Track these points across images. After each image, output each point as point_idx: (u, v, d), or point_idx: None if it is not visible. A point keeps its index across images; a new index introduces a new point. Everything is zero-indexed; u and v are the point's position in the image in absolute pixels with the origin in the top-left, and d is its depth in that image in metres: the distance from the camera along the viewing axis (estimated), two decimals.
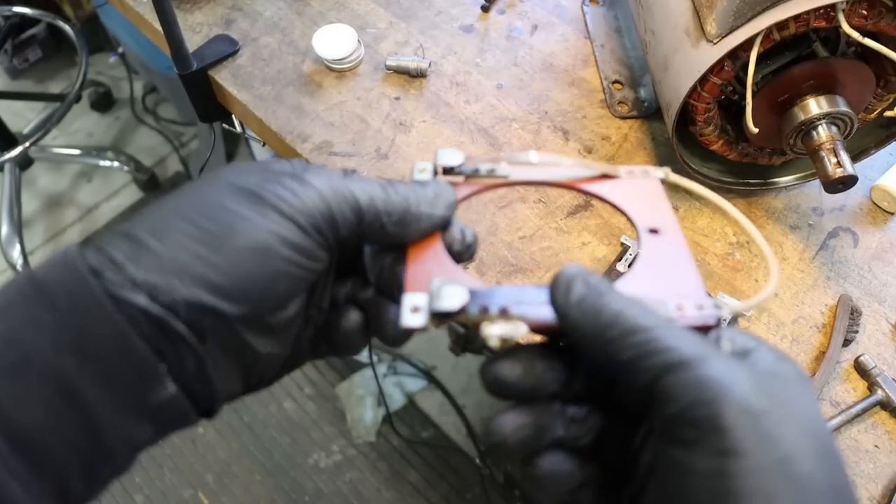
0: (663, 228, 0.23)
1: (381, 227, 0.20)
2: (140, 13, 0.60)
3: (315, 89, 0.55)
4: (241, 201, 0.18)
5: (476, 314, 0.18)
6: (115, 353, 0.16)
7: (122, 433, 0.17)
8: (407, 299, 0.19)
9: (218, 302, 0.17)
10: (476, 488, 0.97)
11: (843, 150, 0.40)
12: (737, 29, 0.38)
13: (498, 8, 0.60)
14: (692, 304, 0.19)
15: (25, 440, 0.15)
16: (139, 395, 0.17)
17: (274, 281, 0.18)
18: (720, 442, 0.14)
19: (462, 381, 1.05)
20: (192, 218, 0.18)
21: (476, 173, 0.24)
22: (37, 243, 1.27)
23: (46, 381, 0.16)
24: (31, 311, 0.16)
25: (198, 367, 0.18)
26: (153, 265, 0.17)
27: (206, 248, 0.18)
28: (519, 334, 0.18)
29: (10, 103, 1.34)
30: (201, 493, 0.98)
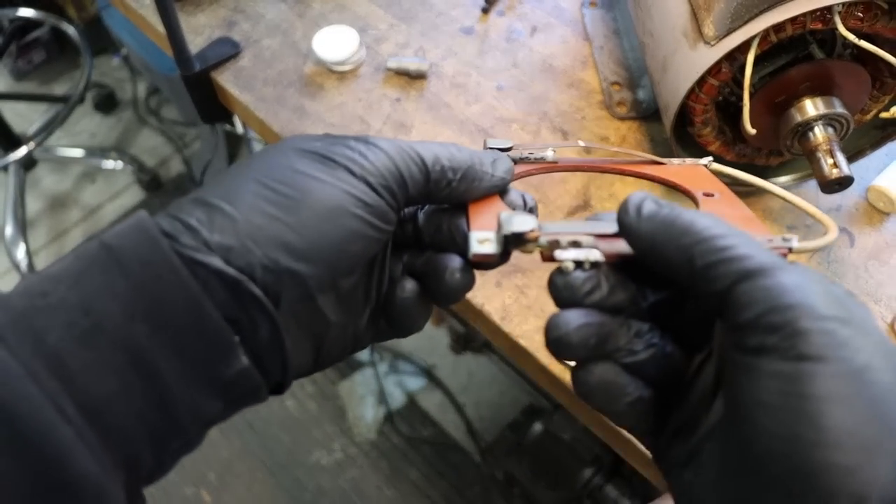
0: (718, 193, 0.23)
1: (447, 184, 0.20)
2: (143, 15, 0.61)
3: (316, 90, 0.55)
4: (312, 164, 0.18)
5: (547, 242, 0.18)
6: (188, 323, 0.16)
7: (192, 406, 0.17)
8: (474, 235, 0.19)
9: (294, 263, 0.17)
10: (476, 486, 0.98)
11: (839, 151, 0.40)
12: (734, 31, 0.38)
13: (498, 10, 0.61)
14: (762, 238, 0.19)
15: (98, 410, 0.15)
16: (211, 367, 0.17)
17: (348, 242, 0.18)
18: (799, 346, 0.14)
19: (462, 379, 1.05)
20: (264, 181, 0.18)
21: (524, 159, 0.25)
22: (41, 243, 1.27)
23: (119, 350, 0.16)
24: (105, 278, 0.16)
25: (272, 335, 0.17)
26: (227, 228, 0.17)
27: (280, 209, 0.17)
28: (592, 259, 0.18)
29: (15, 105, 1.35)
30: (204, 491, 0.99)
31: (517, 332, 0.43)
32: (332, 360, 0.22)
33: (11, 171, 1.22)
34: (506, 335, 0.44)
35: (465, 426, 1.00)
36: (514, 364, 0.47)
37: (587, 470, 0.80)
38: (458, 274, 0.21)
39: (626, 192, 0.51)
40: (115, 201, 1.34)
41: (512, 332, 0.43)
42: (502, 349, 0.46)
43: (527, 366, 0.45)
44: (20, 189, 1.23)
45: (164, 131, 1.40)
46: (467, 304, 0.45)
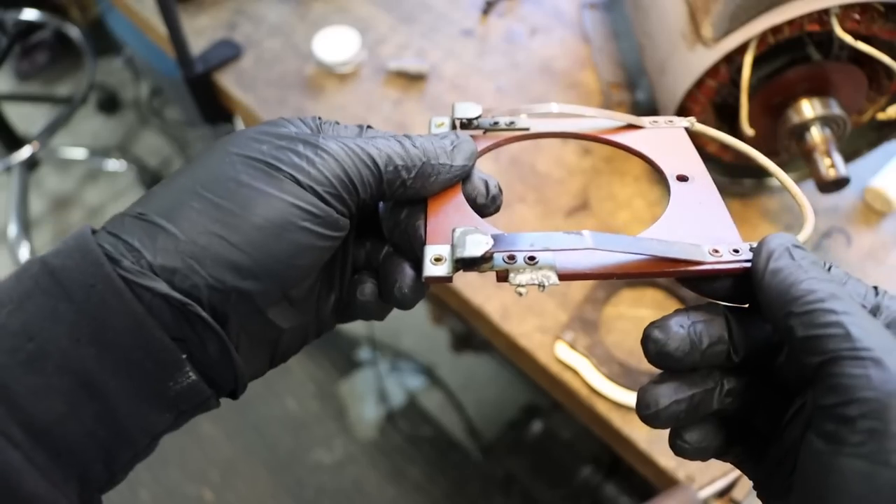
0: (693, 176, 0.22)
1: (401, 184, 0.19)
2: (145, 17, 0.61)
3: (317, 92, 0.55)
4: (256, 174, 0.18)
5: (502, 263, 0.18)
6: (134, 344, 0.16)
7: (143, 421, 0.17)
8: (429, 251, 0.18)
9: (241, 282, 0.17)
10: (476, 484, 0.98)
11: (836, 152, 0.41)
12: (732, 33, 0.38)
13: (497, 12, 0.61)
14: (727, 248, 0.18)
15: (45, 432, 0.15)
16: (159, 384, 0.17)
17: (296, 256, 0.18)
18: (873, 447, 0.13)
19: (462, 378, 1.05)
20: (206, 196, 0.17)
21: (495, 126, 0.23)
22: (44, 243, 1.28)
23: (65, 374, 0.16)
24: (49, 302, 0.16)
25: (221, 352, 0.17)
26: (171, 249, 0.17)
27: (224, 227, 0.17)
28: (548, 284, 0.17)
29: (19, 106, 1.35)
30: (206, 490, 0.99)
31: (517, 331, 0.44)
32: (289, 356, 0.21)
33: (15, 171, 1.23)
34: (505, 335, 0.44)
35: (466, 425, 1.01)
36: (514, 363, 0.48)
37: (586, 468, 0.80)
38: (407, 290, 0.20)
39: (625, 193, 0.51)
40: (118, 201, 1.34)
41: (512, 331, 0.44)
42: (502, 348, 0.47)
43: (526, 365, 0.45)
44: (24, 189, 1.24)
45: (167, 132, 1.41)
46: (467, 304, 0.46)
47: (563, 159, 0.51)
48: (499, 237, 0.18)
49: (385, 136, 0.20)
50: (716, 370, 0.18)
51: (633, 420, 0.41)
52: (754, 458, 0.18)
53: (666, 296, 0.46)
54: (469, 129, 0.23)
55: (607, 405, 0.41)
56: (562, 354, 0.43)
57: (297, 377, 1.09)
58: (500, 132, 0.24)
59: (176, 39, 0.51)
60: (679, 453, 0.18)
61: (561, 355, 0.43)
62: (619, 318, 0.45)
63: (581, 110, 0.23)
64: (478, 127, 0.23)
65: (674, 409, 0.17)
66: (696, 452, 0.18)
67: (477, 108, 0.23)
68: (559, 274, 0.18)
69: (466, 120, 0.23)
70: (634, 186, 0.50)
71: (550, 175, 0.51)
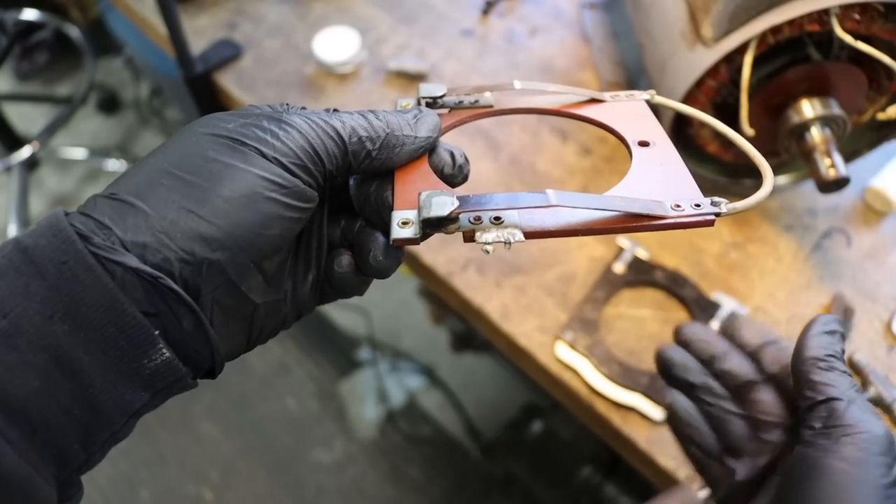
0: (654, 141, 0.22)
1: (366, 155, 0.20)
2: (145, 17, 0.61)
3: (317, 92, 0.55)
4: (222, 150, 0.18)
5: (468, 223, 0.18)
6: (107, 320, 0.16)
7: (118, 399, 0.17)
8: (396, 216, 0.19)
9: (211, 253, 0.17)
10: (476, 484, 0.98)
11: (836, 152, 0.41)
12: (732, 33, 0.38)
13: (497, 12, 0.61)
14: (689, 202, 0.19)
15: (20, 410, 0.15)
16: (133, 361, 0.17)
17: (265, 226, 0.18)
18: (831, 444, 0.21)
19: (462, 378, 1.05)
20: (175, 173, 0.18)
21: (460, 105, 0.24)
22: None
23: (39, 350, 0.16)
24: (21, 280, 0.16)
25: (195, 326, 0.17)
26: (141, 225, 0.17)
27: (193, 201, 0.17)
28: (514, 241, 0.18)
29: (19, 106, 1.35)
30: (205, 490, 0.99)
31: (517, 331, 0.44)
32: (268, 336, 0.21)
33: (15, 171, 1.23)
34: (505, 335, 0.44)
35: (465, 425, 1.01)
36: (514, 363, 0.48)
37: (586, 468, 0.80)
38: (381, 256, 0.21)
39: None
40: None
41: (511, 331, 0.44)
42: (502, 348, 0.47)
43: (526, 365, 0.45)
44: (24, 189, 1.24)
45: (167, 132, 1.41)
46: (467, 304, 0.46)
47: (562, 159, 0.51)
48: (464, 199, 0.19)
49: (350, 112, 0.21)
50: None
51: (632, 420, 0.41)
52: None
53: (666, 296, 0.46)
54: (434, 107, 0.24)
55: (607, 405, 0.41)
56: (562, 354, 0.43)
57: (297, 377, 1.09)
58: (464, 110, 0.24)
59: (176, 39, 0.51)
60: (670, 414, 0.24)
61: (561, 355, 0.43)
62: (619, 318, 0.45)
63: (543, 86, 0.24)
64: (443, 105, 0.24)
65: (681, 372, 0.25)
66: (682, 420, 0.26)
67: (441, 88, 0.24)
68: (525, 232, 0.18)
69: (431, 99, 0.24)
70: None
71: (550, 175, 0.51)
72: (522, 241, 0.18)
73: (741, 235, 0.48)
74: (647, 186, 0.20)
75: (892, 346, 0.43)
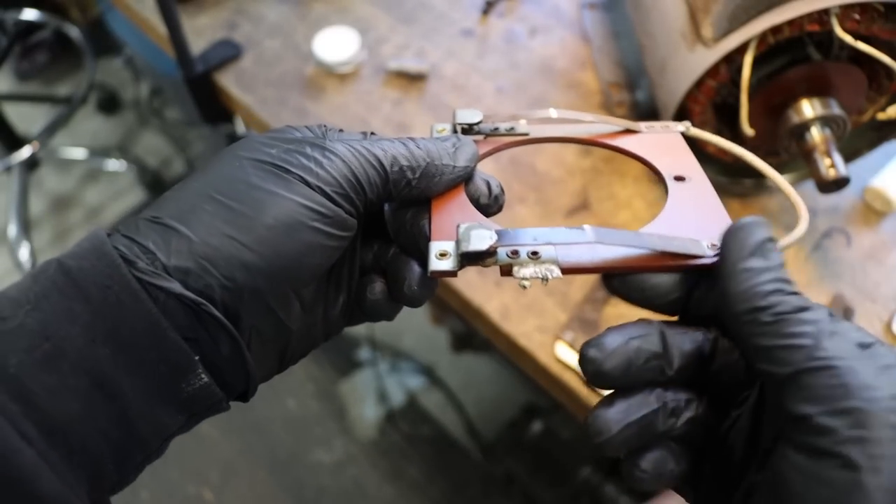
0: (689, 176, 0.22)
1: (406, 184, 0.20)
2: (145, 17, 0.61)
3: (317, 92, 0.55)
4: (266, 176, 0.18)
5: (505, 258, 0.18)
6: (148, 345, 0.16)
7: (155, 423, 0.17)
8: (434, 246, 0.19)
9: (252, 281, 0.17)
10: (476, 484, 0.98)
11: (836, 152, 0.41)
12: (732, 33, 0.38)
13: (497, 12, 0.61)
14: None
15: (60, 432, 0.16)
16: (172, 385, 0.17)
17: (306, 255, 0.18)
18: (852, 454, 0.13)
19: (462, 378, 1.05)
20: (218, 198, 0.18)
21: (496, 132, 0.24)
22: (44, 243, 1.28)
23: (81, 373, 0.16)
24: (65, 303, 0.16)
25: (233, 351, 0.18)
26: (184, 250, 0.17)
27: (236, 228, 0.17)
28: (551, 277, 0.18)
29: (18, 106, 1.35)
30: (206, 490, 0.99)
31: (517, 331, 0.44)
32: (298, 358, 0.22)
33: (15, 171, 1.23)
34: (505, 335, 0.44)
35: (465, 425, 1.01)
36: (514, 363, 0.48)
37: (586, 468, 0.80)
38: (416, 286, 0.20)
39: (625, 193, 0.51)
40: (118, 202, 1.34)
41: (511, 331, 0.44)
42: (502, 348, 0.47)
43: (526, 365, 0.45)
44: (24, 189, 1.24)
45: (167, 132, 1.41)
46: (467, 303, 0.46)
47: (562, 159, 0.51)
48: (502, 232, 0.19)
49: (390, 139, 0.21)
50: (657, 388, 0.18)
51: None
52: (693, 479, 0.18)
53: None
54: (470, 134, 0.24)
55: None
56: (562, 354, 0.43)
57: (297, 377, 1.09)
58: (500, 137, 0.24)
59: (176, 39, 0.51)
60: (636, 484, 0.18)
61: (561, 355, 0.43)
62: (619, 318, 0.45)
63: (579, 116, 0.24)
64: (478, 132, 0.24)
65: (626, 435, 0.17)
66: (654, 481, 0.18)
67: (478, 114, 0.24)
68: (562, 268, 0.18)
69: (467, 125, 0.24)
70: (634, 186, 0.50)
71: (550, 175, 0.51)
72: (560, 278, 0.18)
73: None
74: (683, 223, 0.20)
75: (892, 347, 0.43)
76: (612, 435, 0.17)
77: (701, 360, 0.18)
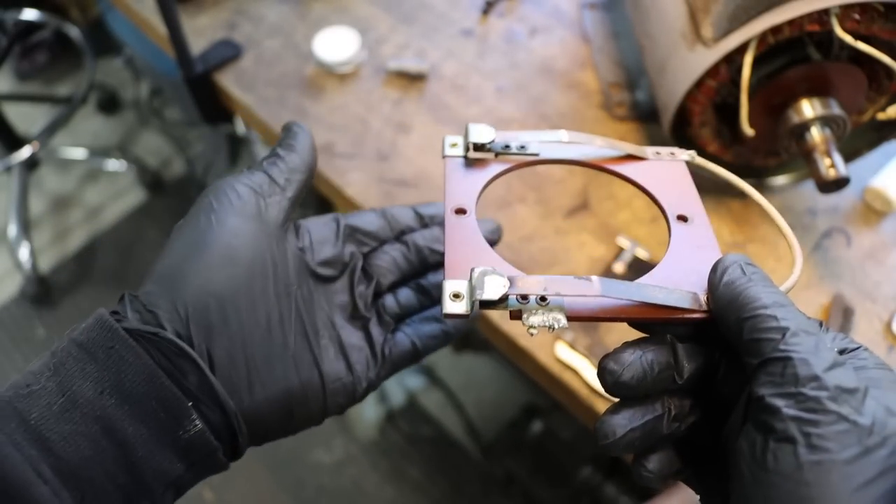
0: (692, 217, 0.23)
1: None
2: (145, 17, 0.61)
3: (317, 92, 0.55)
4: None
5: (516, 304, 0.19)
6: (147, 393, 0.19)
7: (157, 468, 0.19)
8: (448, 286, 0.19)
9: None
10: (476, 484, 0.98)
11: (836, 152, 0.41)
12: (732, 33, 0.38)
13: (497, 11, 0.61)
14: None
15: (73, 473, 0.18)
16: (170, 432, 0.19)
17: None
18: (795, 431, 0.15)
19: (462, 378, 1.05)
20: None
21: (507, 150, 0.25)
22: (44, 243, 1.28)
23: (91, 421, 0.18)
24: (77, 365, 0.19)
25: (200, 380, 0.20)
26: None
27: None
28: (558, 325, 0.19)
29: (18, 106, 1.35)
30: (206, 490, 0.99)
31: (517, 331, 0.44)
32: (326, 415, 0.24)
33: (15, 171, 1.23)
34: (505, 335, 0.44)
35: (465, 425, 1.01)
36: (514, 363, 0.48)
37: (586, 468, 0.80)
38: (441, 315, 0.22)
39: (625, 193, 0.51)
40: (118, 202, 1.34)
41: (511, 331, 0.44)
42: (502, 348, 0.47)
43: (526, 365, 0.45)
44: (24, 189, 1.24)
45: (167, 132, 1.41)
46: None
47: None
48: (513, 278, 0.19)
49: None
50: (664, 396, 0.19)
51: None
52: (698, 474, 0.20)
53: None
54: (481, 151, 0.25)
55: (607, 405, 0.41)
56: (562, 354, 0.43)
57: None
58: (510, 156, 0.25)
59: (176, 39, 0.51)
60: (643, 482, 0.20)
61: (561, 355, 0.43)
62: None
63: (589, 139, 0.25)
64: (489, 150, 0.25)
65: (630, 438, 0.19)
66: (658, 479, 0.19)
67: (490, 132, 0.24)
68: (567, 315, 0.19)
69: (479, 143, 0.24)
70: (634, 187, 0.50)
71: (550, 175, 0.51)
72: (566, 327, 0.19)
73: (741, 235, 0.48)
74: (683, 270, 0.21)
75: (892, 346, 0.43)
76: (617, 438, 0.18)
77: (708, 370, 0.19)
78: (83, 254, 1.27)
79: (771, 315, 0.17)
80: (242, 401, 0.21)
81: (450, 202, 0.23)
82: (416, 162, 0.51)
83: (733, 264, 0.19)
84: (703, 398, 0.20)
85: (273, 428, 0.23)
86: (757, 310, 0.17)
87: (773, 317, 0.17)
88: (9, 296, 1.20)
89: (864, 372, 0.17)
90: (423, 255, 0.27)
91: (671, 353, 0.19)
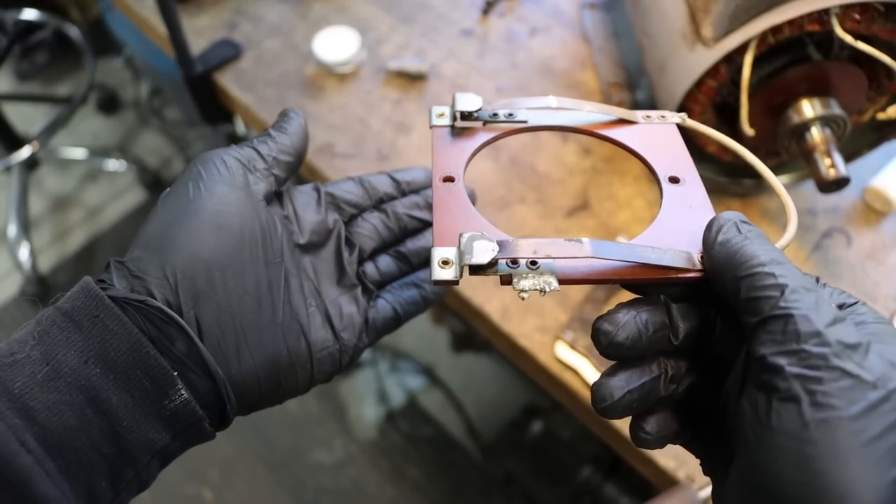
0: (683, 177, 0.22)
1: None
2: (145, 17, 0.61)
3: (317, 92, 0.55)
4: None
5: (506, 268, 0.18)
6: (132, 362, 0.18)
7: (142, 438, 0.18)
8: (436, 253, 0.19)
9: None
10: (476, 484, 0.98)
11: (836, 152, 0.41)
12: (732, 33, 0.38)
13: (497, 11, 0.61)
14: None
15: (57, 442, 0.17)
16: (155, 402, 0.19)
17: None
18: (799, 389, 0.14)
19: (462, 378, 1.05)
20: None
21: (495, 118, 0.24)
22: (44, 243, 1.28)
23: (76, 390, 0.18)
24: (62, 334, 0.18)
25: (189, 347, 0.19)
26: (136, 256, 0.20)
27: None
28: (550, 288, 0.18)
29: (18, 105, 1.35)
30: (206, 489, 0.99)
31: (517, 331, 0.44)
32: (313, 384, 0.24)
33: (15, 171, 1.23)
34: (505, 335, 0.44)
35: (466, 425, 1.01)
36: (514, 363, 0.48)
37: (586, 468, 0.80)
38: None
39: (625, 193, 0.51)
40: (118, 201, 1.34)
41: (511, 331, 0.44)
42: (502, 348, 0.47)
43: (526, 365, 0.45)
44: (23, 189, 1.24)
45: (167, 132, 1.41)
46: (467, 304, 0.46)
47: (563, 159, 0.51)
48: (503, 242, 0.19)
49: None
50: (660, 357, 0.19)
51: None
52: (698, 437, 0.20)
53: None
54: (469, 120, 0.24)
55: None
56: (562, 354, 0.43)
57: None
58: (498, 124, 0.24)
59: (176, 39, 0.51)
60: (642, 444, 0.19)
61: (561, 355, 0.43)
62: None
63: (578, 104, 0.24)
64: (477, 119, 0.24)
65: (627, 400, 0.18)
66: (657, 441, 0.19)
67: (477, 101, 0.24)
68: (559, 279, 0.18)
69: (467, 112, 0.24)
70: (634, 186, 0.50)
71: (550, 175, 0.51)
72: (557, 290, 0.18)
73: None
74: (676, 230, 0.20)
75: None
76: (614, 400, 0.18)
77: (703, 330, 0.19)
78: (83, 254, 1.27)
79: (769, 272, 0.16)
80: (230, 369, 0.20)
81: (437, 171, 0.22)
82: (416, 162, 0.51)
83: (728, 222, 0.18)
84: (699, 359, 0.19)
85: (261, 397, 0.22)
86: (754, 267, 0.16)
87: (771, 274, 0.16)
88: (9, 296, 1.20)
89: (864, 327, 0.16)
90: (402, 223, 0.27)
91: (665, 313, 0.19)
